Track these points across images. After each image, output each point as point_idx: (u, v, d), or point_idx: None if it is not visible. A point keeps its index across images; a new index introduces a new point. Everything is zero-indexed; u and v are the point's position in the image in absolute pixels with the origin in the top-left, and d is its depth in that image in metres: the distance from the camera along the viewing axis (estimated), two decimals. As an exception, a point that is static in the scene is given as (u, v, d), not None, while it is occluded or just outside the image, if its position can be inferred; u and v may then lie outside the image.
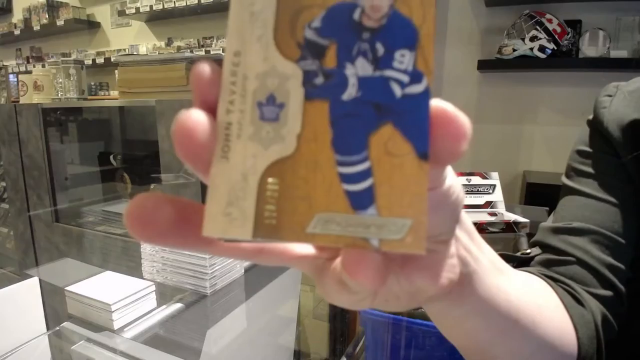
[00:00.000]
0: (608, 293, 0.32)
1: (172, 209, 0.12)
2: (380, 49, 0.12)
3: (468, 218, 0.18)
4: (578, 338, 0.28)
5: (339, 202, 0.12)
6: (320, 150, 0.12)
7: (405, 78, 0.12)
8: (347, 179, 0.12)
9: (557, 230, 0.36)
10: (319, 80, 0.12)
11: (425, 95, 0.12)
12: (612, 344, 0.32)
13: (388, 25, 0.12)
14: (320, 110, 0.12)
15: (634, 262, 0.35)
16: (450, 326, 0.22)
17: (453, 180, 0.14)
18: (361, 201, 0.12)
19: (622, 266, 0.33)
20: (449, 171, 0.14)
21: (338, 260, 0.15)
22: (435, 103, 0.12)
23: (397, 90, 0.12)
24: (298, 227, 0.12)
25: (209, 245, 0.13)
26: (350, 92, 0.12)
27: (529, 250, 0.38)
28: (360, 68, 0.12)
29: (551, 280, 0.32)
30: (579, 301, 0.31)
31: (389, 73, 0.12)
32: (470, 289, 0.19)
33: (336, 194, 0.12)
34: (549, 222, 0.38)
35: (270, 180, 0.12)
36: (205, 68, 0.12)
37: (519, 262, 0.38)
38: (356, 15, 0.12)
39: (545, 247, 0.36)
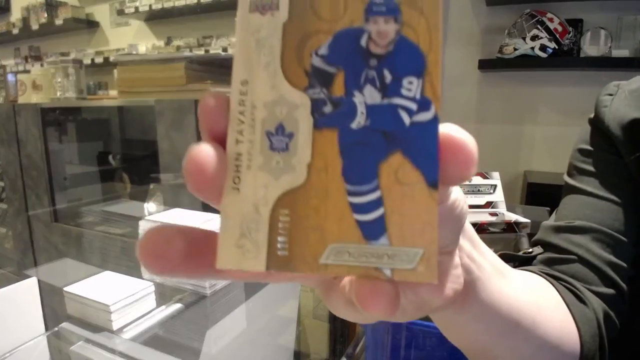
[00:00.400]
0: (610, 291, 0.33)
1: (183, 242, 0.12)
2: (387, 76, 0.12)
3: (469, 224, 0.18)
4: (580, 336, 0.28)
5: (350, 232, 0.12)
6: (331, 180, 0.12)
7: (413, 106, 0.12)
8: (358, 208, 0.12)
9: (558, 229, 0.36)
10: (328, 108, 0.12)
11: (434, 122, 0.12)
12: (614, 342, 0.32)
13: (395, 51, 0.12)
14: (330, 139, 0.12)
15: (636, 260, 0.35)
16: (453, 331, 0.23)
17: (458, 194, 0.14)
18: (373, 231, 0.12)
19: (623, 264, 0.33)
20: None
21: (347, 280, 0.15)
22: (444, 129, 0.12)
23: (406, 118, 0.12)
24: (311, 258, 0.12)
25: (220, 274, 0.13)
26: (359, 120, 0.12)
27: (530, 250, 0.38)
28: (368, 96, 0.12)
29: (553, 278, 0.32)
30: (580, 299, 0.31)
31: (397, 101, 0.12)
32: (473, 295, 0.19)
33: (348, 224, 0.12)
34: (551, 221, 0.38)
35: (282, 211, 0.12)
36: (212, 99, 0.12)
37: (521, 261, 0.38)
38: (363, 41, 0.12)
39: (547, 246, 0.36)
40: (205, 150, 0.11)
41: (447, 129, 0.12)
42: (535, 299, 0.25)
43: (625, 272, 0.34)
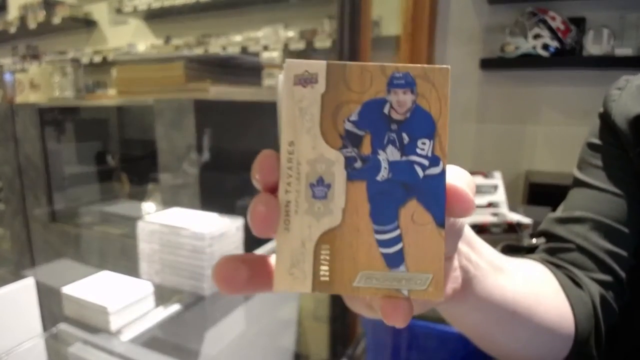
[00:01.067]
0: (607, 277, 0.34)
1: (247, 269, 0.16)
2: (405, 137, 0.15)
3: (469, 228, 0.21)
4: (575, 317, 0.30)
5: (377, 262, 0.15)
6: (361, 221, 0.15)
7: (426, 162, 0.15)
8: (382, 244, 0.15)
9: (560, 220, 0.38)
10: (358, 164, 0.15)
11: (442, 175, 0.15)
12: (617, 333, 0.33)
13: (411, 118, 0.14)
14: (360, 189, 0.15)
15: (638, 250, 0.36)
16: (455, 319, 0.26)
17: None
18: (394, 261, 0.15)
19: (623, 253, 0.35)
20: None
21: None
22: (450, 182, 0.15)
23: (420, 172, 0.15)
24: (347, 283, 0.15)
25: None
26: (383, 174, 0.15)
27: (534, 240, 0.41)
28: (390, 154, 0.15)
29: (553, 266, 0.34)
30: (577, 283, 0.33)
31: (413, 158, 0.15)
32: (470, 290, 0.22)
33: (374, 256, 0.15)
34: (556, 213, 0.39)
35: (323, 246, 0.15)
36: (267, 157, 0.15)
37: (526, 251, 0.40)
38: (386, 109, 0.14)
39: (549, 236, 0.38)
40: (265, 201, 0.15)
41: (453, 181, 0.15)
42: (533, 288, 0.28)
43: (625, 261, 0.35)
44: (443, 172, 0.15)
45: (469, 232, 0.22)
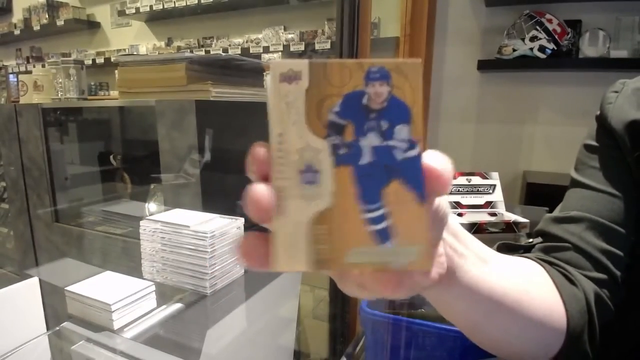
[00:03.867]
0: (603, 276, 0.34)
1: (265, 246, 0.16)
2: (384, 125, 0.16)
3: (455, 222, 0.23)
4: (567, 311, 0.31)
5: (366, 239, 0.16)
6: (349, 202, 0.16)
7: (404, 145, 0.16)
8: (370, 221, 0.16)
9: (557, 220, 0.38)
10: (343, 150, 0.16)
11: (419, 157, 0.16)
12: (614, 334, 0.33)
13: (388, 107, 0.16)
14: (346, 173, 0.16)
15: (634, 250, 0.36)
16: (443, 307, 0.27)
17: (440, 201, 0.19)
18: (382, 237, 0.16)
19: (618, 252, 0.35)
20: None
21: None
22: (426, 162, 0.16)
23: (399, 155, 0.16)
24: (340, 260, 0.16)
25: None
26: (366, 158, 0.16)
27: (531, 240, 0.41)
28: (371, 140, 0.16)
29: (548, 264, 0.34)
30: (571, 281, 0.33)
31: (392, 143, 0.16)
32: (455, 278, 0.23)
33: (364, 234, 0.16)
34: (554, 213, 0.40)
35: (315, 227, 0.16)
36: (259, 150, 0.16)
37: (522, 250, 0.41)
38: (364, 100, 0.16)
39: (546, 235, 0.39)
40: (259, 189, 0.16)
41: (428, 160, 0.16)
42: (522, 283, 0.29)
43: (620, 260, 0.35)
44: (419, 155, 0.16)
45: (454, 224, 0.23)
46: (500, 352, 0.31)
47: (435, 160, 0.16)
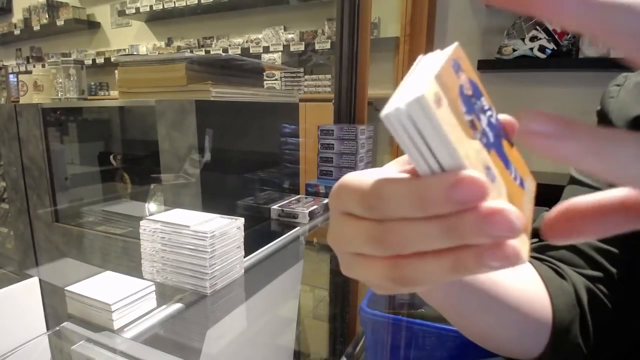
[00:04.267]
0: (597, 273, 0.34)
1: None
2: (477, 103, 0.17)
3: None
4: (553, 305, 0.30)
5: (520, 194, 0.19)
6: (507, 179, 0.18)
7: (491, 113, 0.18)
8: (520, 185, 0.19)
9: None
10: (484, 140, 0.17)
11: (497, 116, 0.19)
12: (613, 333, 0.32)
13: (472, 87, 0.17)
14: (495, 156, 0.18)
15: (633, 248, 0.35)
16: (433, 300, 0.27)
17: None
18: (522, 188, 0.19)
19: (614, 250, 0.34)
20: None
21: None
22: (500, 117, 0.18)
23: (494, 120, 0.18)
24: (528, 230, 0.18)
25: None
26: (491, 136, 0.18)
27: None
28: (483, 120, 0.17)
29: (542, 262, 0.34)
30: (560, 275, 0.33)
31: (488, 114, 0.18)
32: None
33: (520, 193, 0.19)
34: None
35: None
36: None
37: None
38: (465, 91, 0.17)
39: (539, 234, 0.37)
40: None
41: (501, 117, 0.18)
42: (499, 275, 0.29)
43: (616, 257, 0.34)
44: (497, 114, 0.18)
45: None
46: (487, 344, 0.31)
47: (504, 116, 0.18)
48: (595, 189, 0.36)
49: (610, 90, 0.38)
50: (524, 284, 0.30)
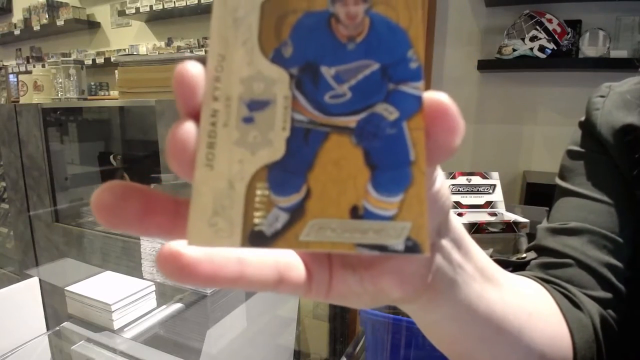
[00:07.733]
0: (607, 295, 0.32)
1: (139, 202, 0.12)
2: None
3: (460, 225, 0.18)
4: (574, 343, 0.28)
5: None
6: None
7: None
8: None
9: (553, 232, 0.35)
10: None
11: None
12: (613, 343, 0.31)
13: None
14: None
15: (632, 261, 0.34)
16: (428, 329, 0.23)
17: (443, 183, 0.14)
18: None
19: (620, 265, 0.33)
20: (440, 174, 0.14)
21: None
22: (431, 95, 0.12)
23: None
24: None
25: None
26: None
27: (524, 255, 0.37)
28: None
29: (548, 284, 0.31)
30: (576, 304, 0.30)
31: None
32: (447, 295, 0.19)
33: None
34: (547, 224, 0.37)
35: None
36: (187, 70, 0.11)
37: (515, 266, 0.37)
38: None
39: (543, 250, 0.36)
40: (184, 129, 0.11)
41: (434, 95, 0.12)
42: (526, 306, 0.25)
43: (622, 273, 0.33)
44: (421, 97, 0.12)
45: (459, 229, 0.18)
46: None
47: (441, 96, 0.12)
48: (592, 199, 0.35)
49: (595, 101, 0.37)
50: (549, 320, 0.27)
